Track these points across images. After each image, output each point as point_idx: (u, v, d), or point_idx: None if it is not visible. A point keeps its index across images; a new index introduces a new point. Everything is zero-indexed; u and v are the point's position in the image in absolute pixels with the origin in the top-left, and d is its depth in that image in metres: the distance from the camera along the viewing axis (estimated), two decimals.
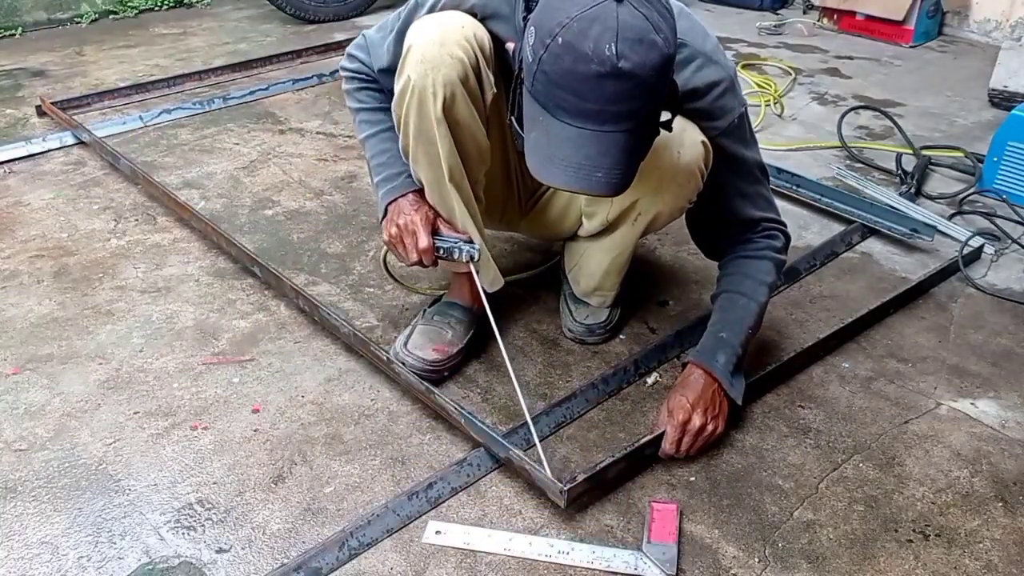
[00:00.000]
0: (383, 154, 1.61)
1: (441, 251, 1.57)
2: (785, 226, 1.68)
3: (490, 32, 1.47)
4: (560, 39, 1.15)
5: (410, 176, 1.59)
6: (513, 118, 1.36)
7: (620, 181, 1.24)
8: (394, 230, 1.58)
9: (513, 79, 1.36)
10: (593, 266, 1.76)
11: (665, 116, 1.30)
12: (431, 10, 1.49)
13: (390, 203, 1.59)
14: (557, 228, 1.81)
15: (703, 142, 1.48)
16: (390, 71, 1.53)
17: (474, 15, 1.46)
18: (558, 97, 1.19)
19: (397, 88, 1.48)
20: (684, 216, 1.67)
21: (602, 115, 1.18)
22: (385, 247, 1.65)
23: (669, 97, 1.27)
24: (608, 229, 1.67)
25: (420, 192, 1.59)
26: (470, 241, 1.58)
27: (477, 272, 1.59)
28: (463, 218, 1.59)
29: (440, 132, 1.47)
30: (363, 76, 1.64)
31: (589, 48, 1.14)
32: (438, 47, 1.42)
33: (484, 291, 1.59)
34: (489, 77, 1.48)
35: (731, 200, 1.60)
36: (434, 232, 1.57)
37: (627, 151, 1.23)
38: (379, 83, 1.62)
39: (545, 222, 1.82)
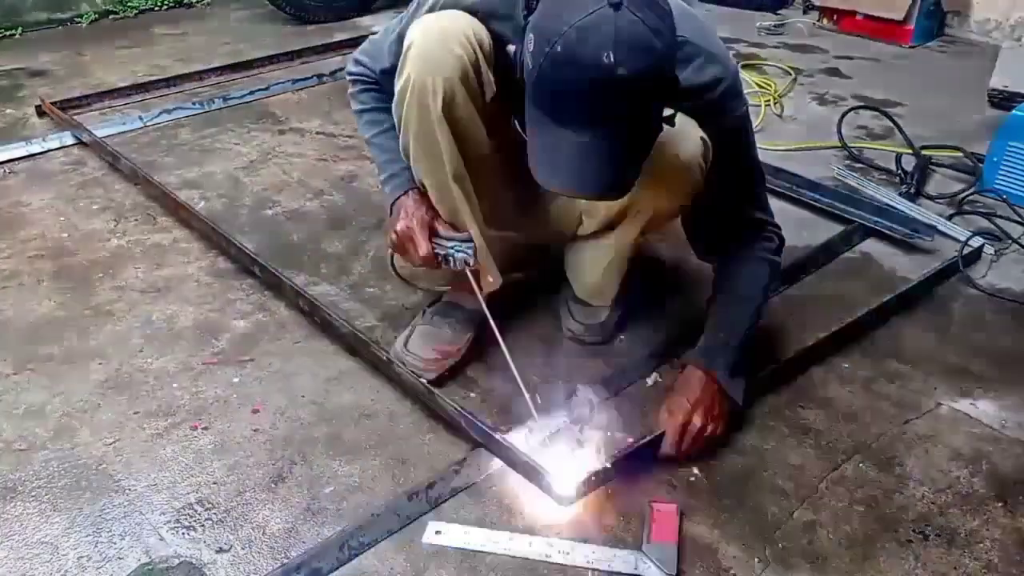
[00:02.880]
0: (387, 152, 1.63)
1: (439, 257, 1.58)
2: (780, 228, 1.68)
3: (490, 31, 1.47)
4: (559, 47, 1.16)
5: (412, 174, 1.60)
6: (517, 121, 1.36)
7: (623, 185, 1.25)
8: (395, 236, 1.59)
9: (515, 83, 1.36)
10: (593, 266, 1.76)
11: (667, 112, 1.30)
12: (431, 9, 1.49)
13: (394, 202, 1.60)
14: (557, 228, 1.81)
15: (703, 139, 1.48)
16: (391, 72, 1.53)
17: (474, 14, 1.46)
18: (559, 104, 1.20)
19: (397, 87, 1.48)
20: (680, 216, 1.67)
21: (603, 122, 1.19)
22: (391, 248, 1.66)
23: (670, 94, 1.27)
24: (608, 228, 1.67)
25: (419, 191, 1.60)
26: (468, 239, 1.58)
27: (474, 275, 1.60)
28: (465, 217, 1.59)
29: (441, 130, 1.47)
30: (366, 79, 1.65)
31: (588, 56, 1.14)
32: (438, 45, 1.42)
33: (480, 290, 1.60)
34: (489, 76, 1.48)
35: (728, 200, 1.60)
36: (434, 234, 1.57)
37: (629, 155, 1.24)
38: (382, 85, 1.63)
39: (546, 222, 1.82)
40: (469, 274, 1.59)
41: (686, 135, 1.46)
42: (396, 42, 1.54)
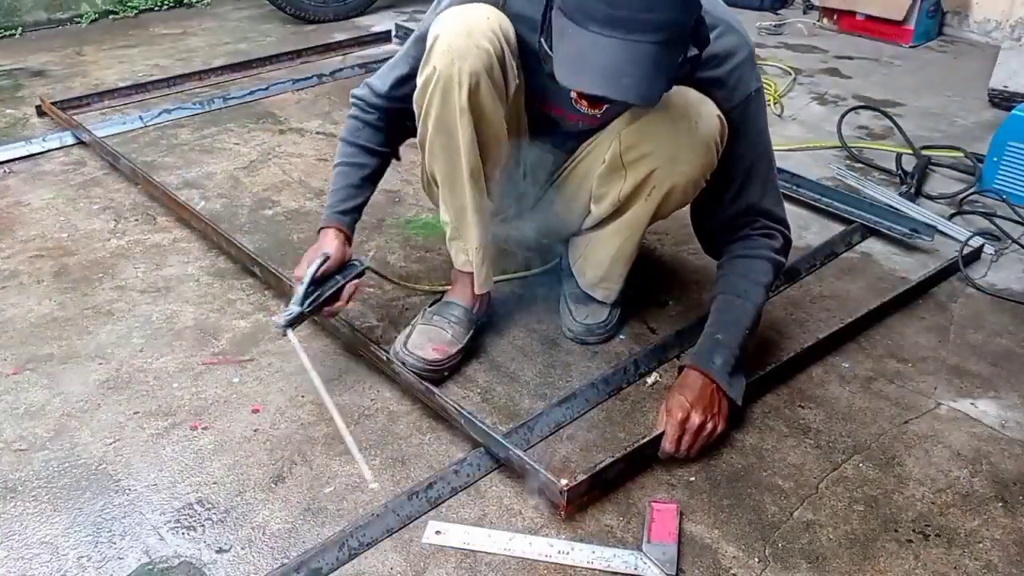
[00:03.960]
0: (337, 184, 1.67)
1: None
2: (787, 227, 1.68)
3: (513, 15, 1.48)
4: None
5: (338, 212, 1.64)
6: (543, 39, 1.37)
7: (647, 91, 1.26)
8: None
9: (538, 72, 1.37)
10: (601, 253, 1.75)
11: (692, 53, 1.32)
12: (452, 4, 1.50)
13: (319, 231, 1.65)
14: (564, 220, 1.81)
15: (719, 116, 1.49)
16: (407, 79, 1.55)
17: (495, 2, 1.48)
18: (587, 7, 1.21)
19: (420, 79, 1.49)
20: (689, 208, 1.67)
21: (631, 23, 1.20)
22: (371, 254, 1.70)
23: (694, 28, 1.29)
24: (619, 210, 1.66)
25: (335, 229, 1.62)
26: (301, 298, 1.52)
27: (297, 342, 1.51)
28: (471, 217, 1.60)
29: (463, 122, 1.48)
30: (363, 105, 1.68)
31: None
32: (465, 37, 1.43)
33: (304, 353, 1.50)
34: (513, 68, 1.49)
35: (737, 183, 1.60)
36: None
37: (655, 62, 1.24)
38: (375, 113, 1.66)
39: (552, 215, 1.81)
40: (292, 337, 1.51)
41: (703, 109, 1.48)
42: (415, 43, 1.55)
